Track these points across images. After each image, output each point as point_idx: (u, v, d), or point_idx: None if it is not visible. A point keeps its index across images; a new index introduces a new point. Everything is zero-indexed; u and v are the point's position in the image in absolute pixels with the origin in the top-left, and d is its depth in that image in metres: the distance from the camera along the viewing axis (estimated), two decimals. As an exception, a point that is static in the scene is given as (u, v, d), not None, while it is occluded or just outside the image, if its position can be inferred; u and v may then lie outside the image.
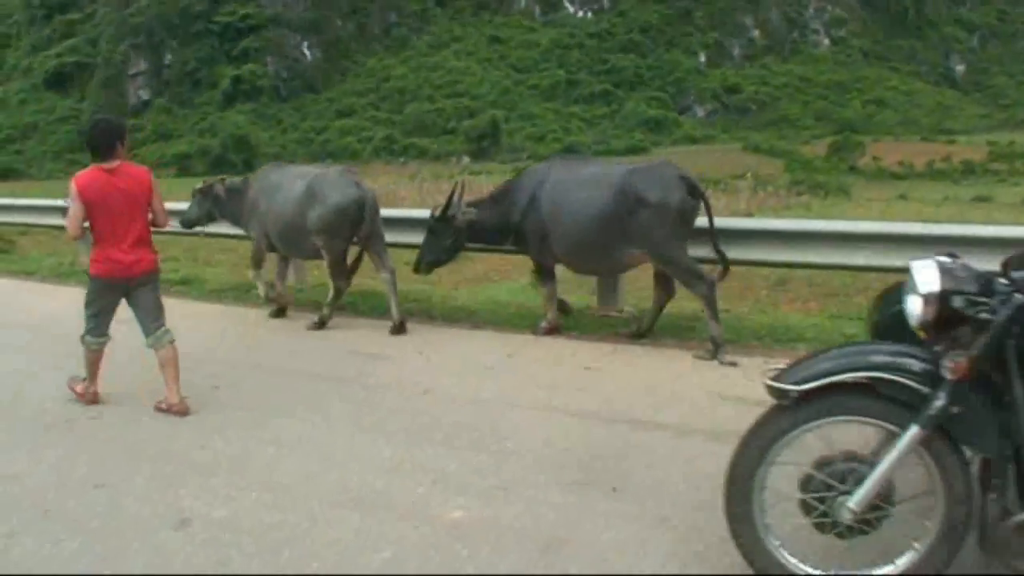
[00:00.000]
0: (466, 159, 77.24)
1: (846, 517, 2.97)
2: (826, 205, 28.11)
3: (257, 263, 8.08)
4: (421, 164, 70.76)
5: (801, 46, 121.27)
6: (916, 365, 2.92)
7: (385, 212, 7.97)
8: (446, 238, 7.09)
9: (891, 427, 2.97)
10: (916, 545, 3.04)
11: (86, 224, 5.31)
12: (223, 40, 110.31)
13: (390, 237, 7.79)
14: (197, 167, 67.14)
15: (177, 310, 8.46)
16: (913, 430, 2.88)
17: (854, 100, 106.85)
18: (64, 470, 4.46)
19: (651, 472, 4.13)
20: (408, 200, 25.49)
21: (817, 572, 3.08)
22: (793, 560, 3.11)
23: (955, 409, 2.85)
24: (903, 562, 3.04)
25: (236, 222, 8.30)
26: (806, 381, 2.98)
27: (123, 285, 5.33)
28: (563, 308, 7.25)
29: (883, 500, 3.01)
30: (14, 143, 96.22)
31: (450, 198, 7.07)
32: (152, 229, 5.52)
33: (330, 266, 7.39)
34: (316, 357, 6.49)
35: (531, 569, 3.28)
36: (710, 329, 6.16)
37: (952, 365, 2.80)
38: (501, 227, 7.03)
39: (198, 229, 8.55)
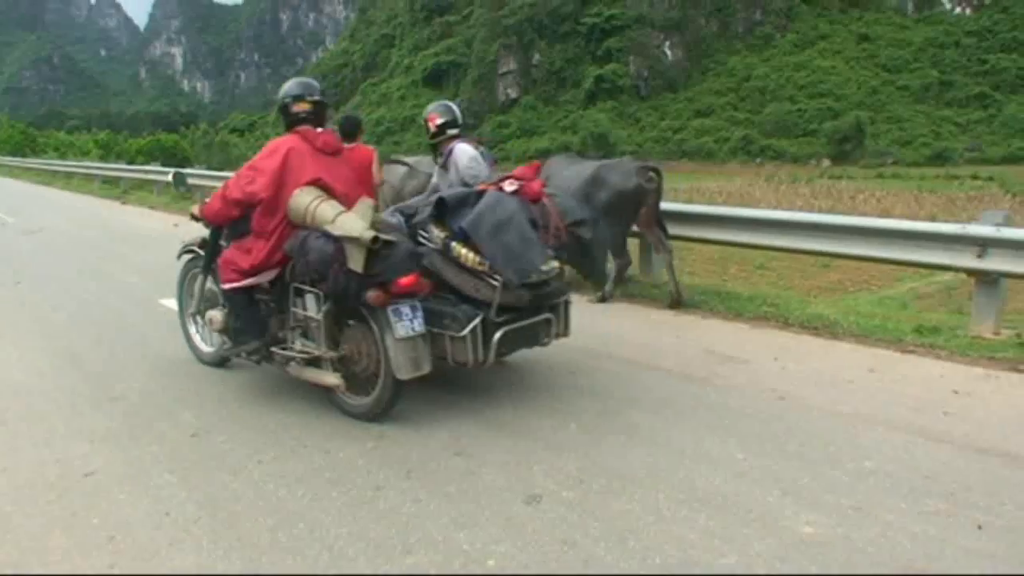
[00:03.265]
0: (826, 162, 74.23)
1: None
2: None
3: None
4: (778, 166, 68.93)
5: None
6: (202, 247, 6.01)
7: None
8: None
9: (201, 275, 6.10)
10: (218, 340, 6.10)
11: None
12: (588, 40, 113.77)
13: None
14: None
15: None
16: (200, 276, 6.07)
17: None
18: (427, 435, 4.80)
19: (1022, 513, 3.75)
20: (764, 202, 25.00)
21: (204, 346, 6.37)
22: (202, 344, 6.38)
23: (214, 266, 5.71)
24: (211, 348, 6.28)
25: None
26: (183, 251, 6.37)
27: None
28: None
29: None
30: (393, 135, 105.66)
31: None
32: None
33: None
34: (668, 352, 6.52)
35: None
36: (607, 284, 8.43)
37: (190, 241, 6.29)
38: None
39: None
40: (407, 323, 4.73)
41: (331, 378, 5.04)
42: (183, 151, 62.84)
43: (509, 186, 5.27)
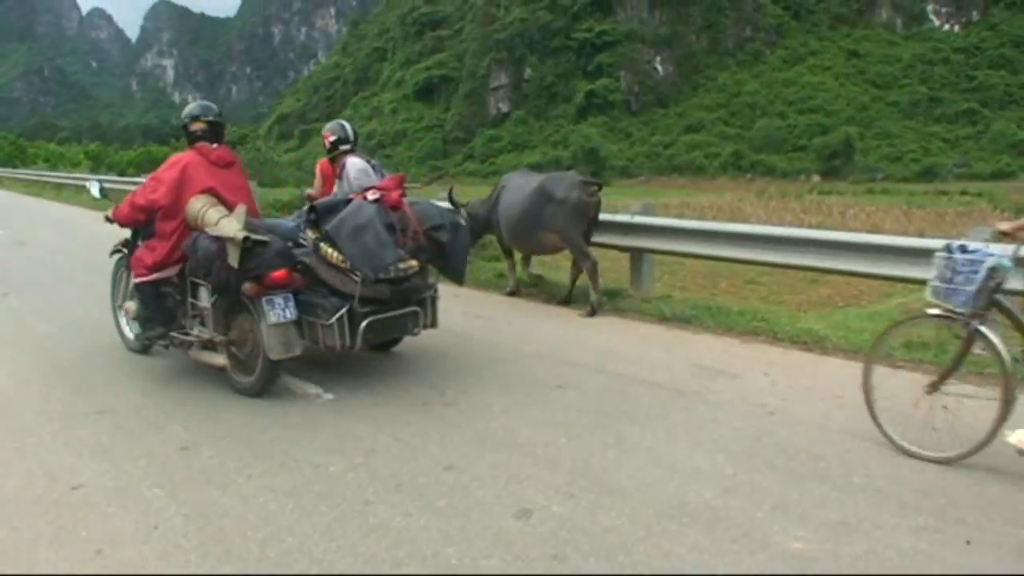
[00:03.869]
0: (816, 177, 74.26)
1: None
2: None
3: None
4: (768, 181, 68.93)
5: None
6: (126, 246, 7.10)
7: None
8: None
9: (125, 271, 7.01)
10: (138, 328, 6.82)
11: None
12: (579, 55, 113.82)
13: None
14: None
15: (535, 308, 8.87)
16: (124, 272, 7.01)
17: None
18: (417, 449, 4.80)
19: (1012, 529, 3.77)
20: (754, 217, 25.01)
21: (129, 334, 7.11)
22: (128, 332, 7.13)
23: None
24: (133, 339, 7.11)
25: None
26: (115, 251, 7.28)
27: None
28: (537, 280, 10.14)
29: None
30: (384, 148, 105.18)
31: (451, 197, 9.38)
32: None
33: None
34: (658, 367, 6.53)
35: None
36: (592, 295, 8.67)
37: (119, 241, 7.30)
38: (484, 220, 9.48)
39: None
40: (279, 311, 5.60)
41: (220, 359, 6.00)
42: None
43: (372, 195, 6.07)
